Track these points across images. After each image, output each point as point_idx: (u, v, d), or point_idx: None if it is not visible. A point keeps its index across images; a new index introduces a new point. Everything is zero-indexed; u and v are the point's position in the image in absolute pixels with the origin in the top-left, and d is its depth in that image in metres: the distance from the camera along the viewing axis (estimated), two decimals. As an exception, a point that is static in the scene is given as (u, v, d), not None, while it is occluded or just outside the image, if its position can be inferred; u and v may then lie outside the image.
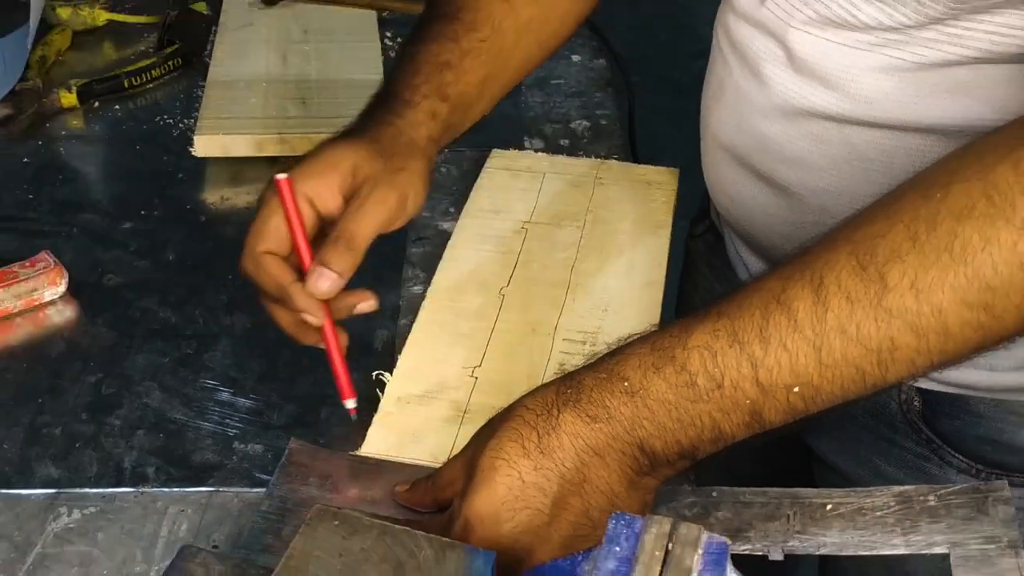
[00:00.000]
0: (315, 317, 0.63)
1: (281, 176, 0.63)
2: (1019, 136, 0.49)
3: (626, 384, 0.52)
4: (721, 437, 0.52)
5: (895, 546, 0.54)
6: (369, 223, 0.64)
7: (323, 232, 0.65)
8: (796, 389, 0.50)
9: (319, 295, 0.62)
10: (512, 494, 0.52)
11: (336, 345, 0.64)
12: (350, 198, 0.64)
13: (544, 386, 0.55)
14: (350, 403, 0.66)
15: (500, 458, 0.53)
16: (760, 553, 0.55)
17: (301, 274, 0.63)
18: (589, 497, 0.53)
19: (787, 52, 0.66)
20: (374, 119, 0.69)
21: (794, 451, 0.85)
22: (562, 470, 0.52)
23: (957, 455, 0.73)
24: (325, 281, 0.62)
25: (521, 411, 0.54)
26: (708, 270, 0.90)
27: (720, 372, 0.51)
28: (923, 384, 0.72)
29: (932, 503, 0.54)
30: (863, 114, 0.64)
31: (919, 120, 0.62)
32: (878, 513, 0.55)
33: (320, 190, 0.64)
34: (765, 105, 0.69)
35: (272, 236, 0.63)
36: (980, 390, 0.71)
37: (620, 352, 0.54)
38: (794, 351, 0.50)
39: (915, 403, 0.73)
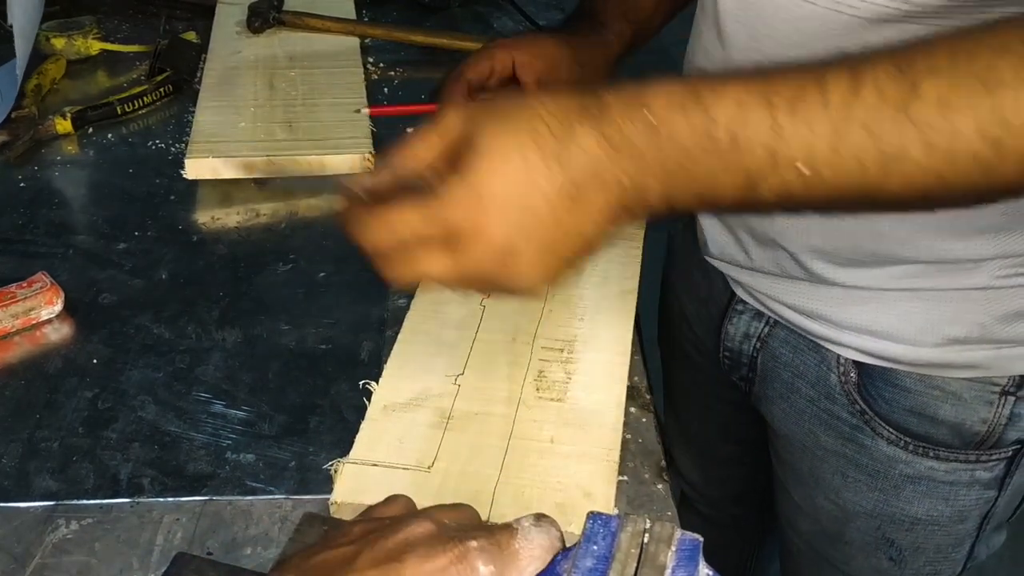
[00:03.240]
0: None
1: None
2: None
3: (648, 115, 0.49)
4: (706, 196, 0.50)
5: None
6: None
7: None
8: (801, 166, 0.48)
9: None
10: (520, 182, 0.50)
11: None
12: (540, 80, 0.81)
13: (562, 94, 0.52)
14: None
15: (515, 143, 0.50)
16: None
17: None
18: (577, 216, 0.50)
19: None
20: (577, 31, 0.85)
21: (755, 425, 0.89)
22: (562, 180, 0.50)
23: (887, 427, 0.75)
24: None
25: (539, 109, 0.51)
26: (687, 256, 0.91)
27: (741, 127, 0.48)
28: (857, 356, 0.74)
29: None
30: None
31: None
32: None
33: (530, 63, 0.83)
34: None
35: (475, 71, 0.85)
36: (905, 363, 0.72)
37: (648, 83, 0.51)
38: (816, 128, 0.48)
39: (851, 375, 0.75)
